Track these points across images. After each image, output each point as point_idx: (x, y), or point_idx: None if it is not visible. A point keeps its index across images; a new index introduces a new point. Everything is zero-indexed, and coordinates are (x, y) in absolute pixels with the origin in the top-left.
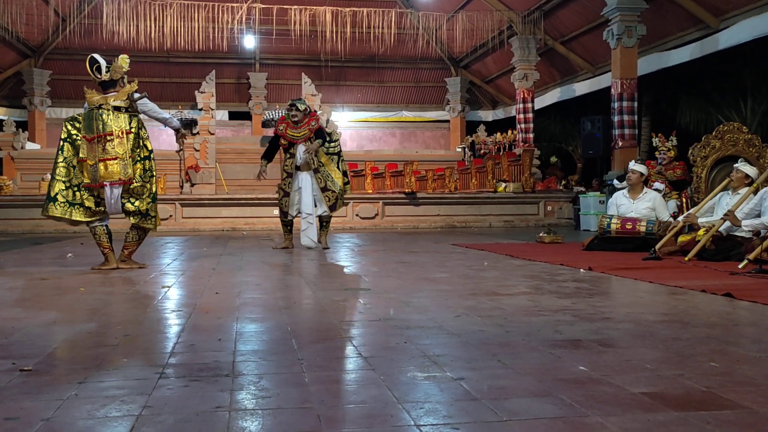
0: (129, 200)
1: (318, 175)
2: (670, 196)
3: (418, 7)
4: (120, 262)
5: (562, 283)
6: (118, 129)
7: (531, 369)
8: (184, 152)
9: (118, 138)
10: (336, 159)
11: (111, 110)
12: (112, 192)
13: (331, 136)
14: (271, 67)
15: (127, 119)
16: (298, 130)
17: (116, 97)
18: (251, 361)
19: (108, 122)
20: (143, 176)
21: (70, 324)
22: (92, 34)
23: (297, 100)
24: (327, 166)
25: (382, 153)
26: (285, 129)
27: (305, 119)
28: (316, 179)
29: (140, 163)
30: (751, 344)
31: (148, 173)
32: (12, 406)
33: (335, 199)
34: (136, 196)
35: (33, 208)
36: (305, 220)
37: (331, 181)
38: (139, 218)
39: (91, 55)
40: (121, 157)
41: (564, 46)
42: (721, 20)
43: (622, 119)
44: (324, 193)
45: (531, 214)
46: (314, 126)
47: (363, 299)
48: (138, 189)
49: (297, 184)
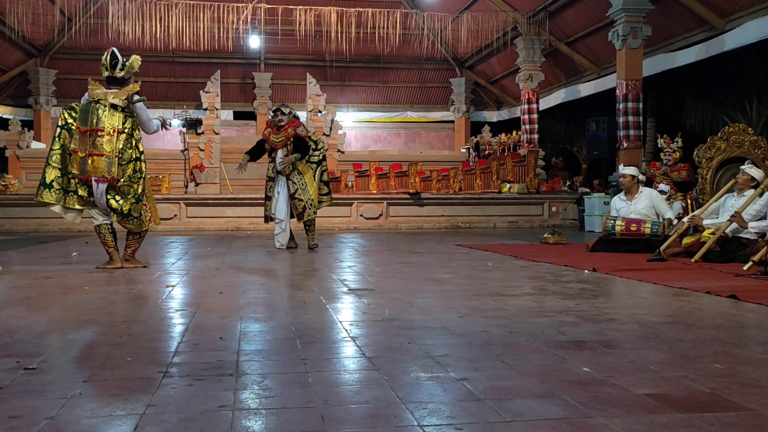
0: (114, 197)
1: (290, 182)
2: (675, 198)
3: (423, 7)
4: (124, 261)
5: (567, 284)
6: (111, 127)
7: (535, 370)
8: (189, 152)
9: (108, 135)
10: (315, 168)
11: (108, 107)
12: (98, 187)
13: (317, 144)
14: (275, 67)
15: (121, 119)
16: (278, 135)
17: (116, 95)
18: (255, 361)
19: (102, 118)
20: (132, 177)
21: (75, 323)
22: (98, 33)
23: (282, 105)
24: (304, 175)
25: (386, 153)
26: (269, 134)
27: (288, 125)
28: (288, 185)
29: (131, 164)
30: (755, 346)
31: (137, 174)
32: (16, 405)
33: (302, 209)
34: (121, 195)
35: (38, 207)
36: (278, 225)
37: (303, 190)
38: (121, 218)
39: (112, 49)
40: (107, 154)
41: (569, 47)
42: (727, 21)
43: (627, 120)
44: (292, 201)
45: (535, 215)
46: (290, 133)
47: (367, 299)
48: (124, 188)
49: (277, 188)
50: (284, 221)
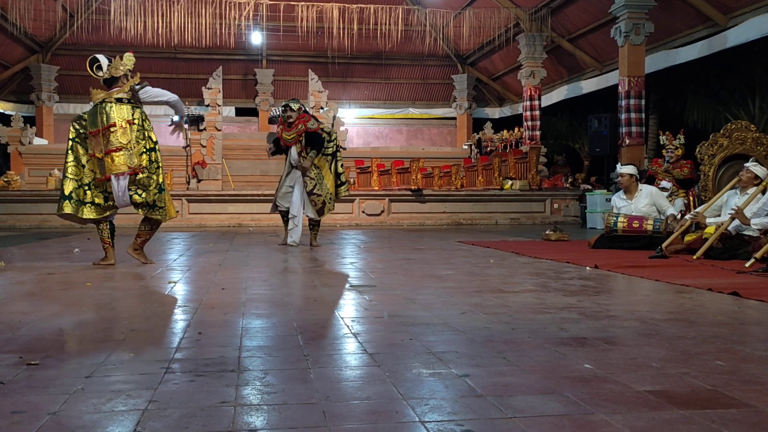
0: (136, 192)
1: (306, 178)
2: (677, 195)
3: (425, 4)
4: (133, 250)
5: (568, 280)
6: (121, 119)
7: (536, 366)
8: (191, 148)
9: (121, 128)
10: (331, 160)
11: (114, 102)
12: (119, 183)
13: (330, 136)
14: (278, 64)
15: (129, 110)
16: (290, 132)
17: (119, 91)
18: (257, 357)
19: (111, 114)
20: (149, 167)
21: (77, 318)
22: (100, 29)
23: (291, 101)
24: (321, 169)
25: (388, 150)
26: (281, 131)
27: (297, 120)
28: (305, 182)
29: (146, 155)
30: (757, 343)
31: (154, 164)
32: (19, 400)
33: (321, 204)
34: (143, 188)
35: (40, 203)
36: (292, 220)
37: (320, 185)
38: (148, 209)
39: (92, 56)
40: (125, 147)
41: (571, 44)
42: (730, 18)
43: (629, 117)
44: (310, 197)
45: (537, 212)
46: (301, 129)
47: (368, 296)
48: (144, 180)
49: (290, 182)
50: (298, 217)
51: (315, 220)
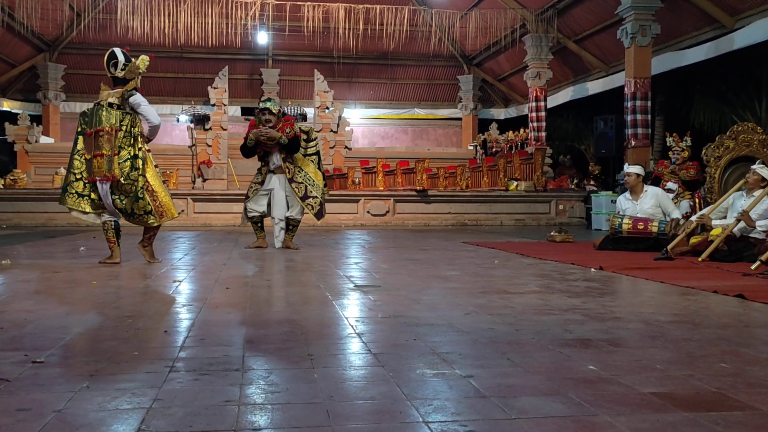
0: (119, 197)
1: (294, 184)
2: (683, 196)
3: (431, 4)
4: (142, 246)
5: (573, 282)
6: (109, 125)
7: (540, 368)
8: (197, 147)
9: (107, 134)
10: (316, 160)
11: (106, 106)
12: (102, 187)
13: (309, 135)
14: (283, 64)
15: (119, 116)
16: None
17: (113, 95)
18: (261, 356)
19: (102, 118)
20: (130, 174)
21: (82, 317)
22: (106, 29)
23: (269, 102)
24: (306, 168)
25: (393, 150)
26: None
27: (278, 123)
28: (293, 188)
29: (129, 161)
30: (762, 346)
31: (136, 172)
32: (24, 398)
33: (319, 205)
34: (125, 195)
35: (46, 202)
36: (277, 225)
37: (312, 186)
38: (127, 218)
39: (113, 48)
40: (107, 153)
41: (577, 45)
42: (737, 20)
43: (635, 118)
44: (305, 201)
45: (542, 213)
46: (289, 133)
47: (373, 296)
48: (126, 187)
49: (268, 185)
50: (283, 220)
51: (293, 222)
